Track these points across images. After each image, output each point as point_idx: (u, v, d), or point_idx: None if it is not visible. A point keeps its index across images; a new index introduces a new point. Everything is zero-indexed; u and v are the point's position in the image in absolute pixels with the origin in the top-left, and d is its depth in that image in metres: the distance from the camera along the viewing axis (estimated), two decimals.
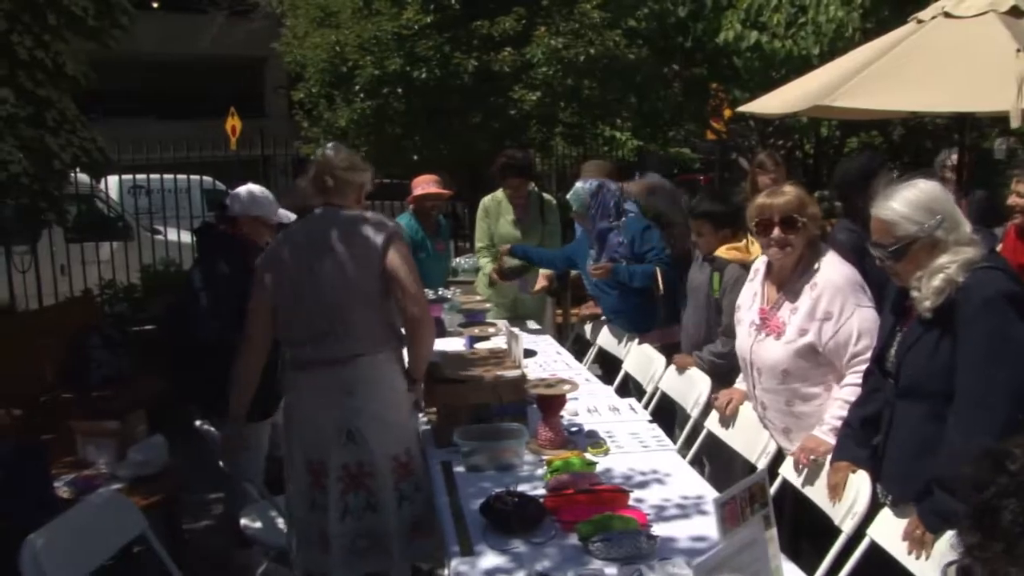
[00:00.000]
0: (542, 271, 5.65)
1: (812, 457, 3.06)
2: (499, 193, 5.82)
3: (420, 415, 3.53)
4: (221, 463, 3.63)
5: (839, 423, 3.06)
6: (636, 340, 4.79)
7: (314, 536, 3.19)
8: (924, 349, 2.62)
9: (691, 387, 3.97)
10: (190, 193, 9.38)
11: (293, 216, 4.07)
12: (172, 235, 8.95)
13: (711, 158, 17.28)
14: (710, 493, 2.93)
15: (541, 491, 2.86)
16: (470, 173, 9.21)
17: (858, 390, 3.02)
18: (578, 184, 5.09)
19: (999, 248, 4.28)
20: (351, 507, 3.14)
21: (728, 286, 3.97)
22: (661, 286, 4.71)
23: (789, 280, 3.27)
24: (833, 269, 3.18)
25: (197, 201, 9.54)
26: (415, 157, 9.01)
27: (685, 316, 4.41)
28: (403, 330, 3.24)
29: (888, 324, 2.85)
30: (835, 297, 3.12)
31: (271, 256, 3.32)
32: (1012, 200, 4.19)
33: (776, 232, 3.22)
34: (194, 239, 4.26)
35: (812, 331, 3.16)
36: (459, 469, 3.13)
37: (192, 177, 10.01)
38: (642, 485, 2.99)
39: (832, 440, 3.05)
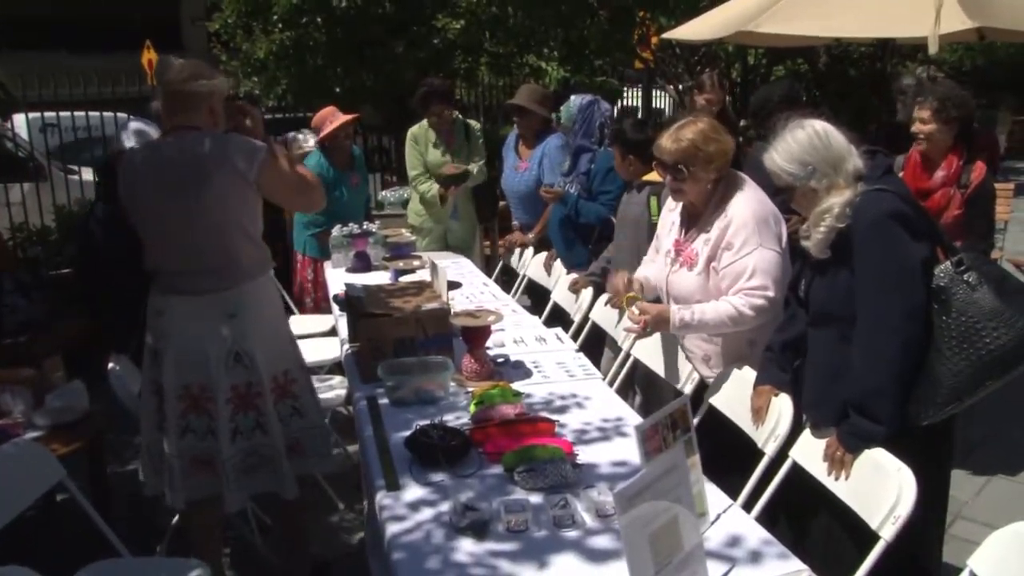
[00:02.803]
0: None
1: (645, 318, 3.16)
2: (425, 122, 5.78)
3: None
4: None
5: (695, 316, 3.11)
6: (565, 271, 4.78)
7: (187, 462, 3.13)
8: (826, 277, 2.67)
9: (624, 318, 3.94)
10: (104, 131, 9.02)
11: None
12: (88, 175, 8.64)
13: (638, 87, 17.19)
14: (630, 416, 2.97)
15: (467, 422, 2.84)
16: (395, 104, 9.04)
17: (735, 312, 3.05)
18: (573, 96, 5.04)
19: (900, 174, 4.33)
20: (241, 427, 3.13)
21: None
22: None
23: (704, 212, 3.26)
24: (745, 204, 3.15)
25: None
26: (337, 89, 8.81)
27: (615, 252, 4.36)
28: None
29: (798, 253, 2.87)
30: (740, 230, 3.10)
31: (129, 180, 3.08)
32: (916, 127, 4.21)
33: (668, 178, 3.25)
34: (95, 178, 4.08)
35: (716, 259, 3.17)
36: (384, 403, 3.09)
37: (106, 114, 9.61)
38: (564, 411, 3.00)
39: (678, 322, 3.13)
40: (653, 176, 4.01)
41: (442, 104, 5.66)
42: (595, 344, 4.29)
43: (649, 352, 3.69)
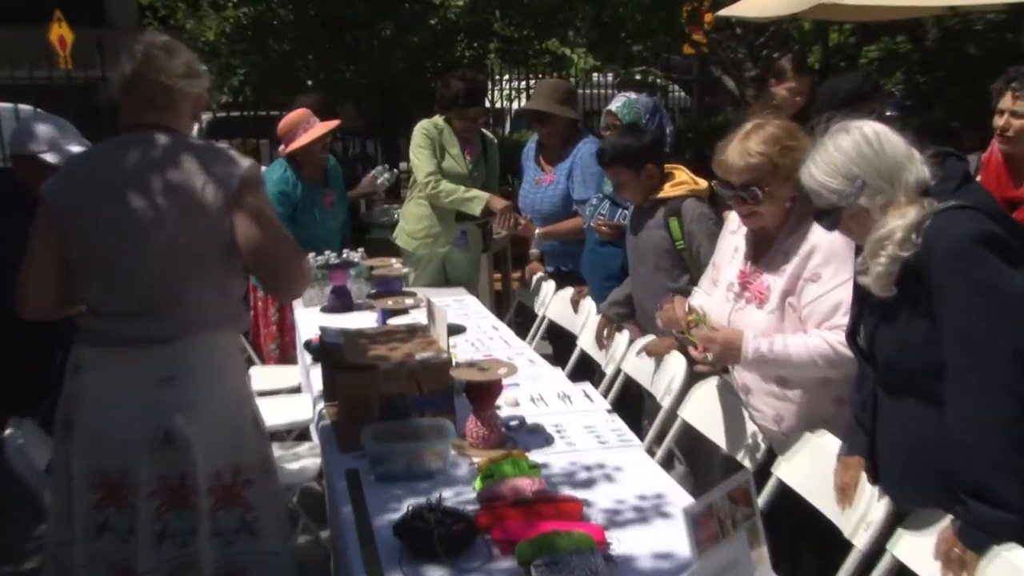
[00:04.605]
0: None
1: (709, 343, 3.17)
2: (439, 120, 5.81)
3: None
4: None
5: (774, 348, 3.11)
6: (593, 309, 4.81)
7: (103, 572, 2.95)
8: (896, 323, 2.63)
9: (663, 369, 4.00)
10: (0, 127, 9.03)
11: None
12: None
13: (687, 78, 17.22)
14: (676, 494, 2.95)
15: (472, 502, 2.86)
16: (382, 102, 9.11)
17: (829, 350, 3.04)
18: (632, 94, 5.10)
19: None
20: (171, 530, 2.95)
21: (694, 227, 4.01)
22: None
23: (777, 237, 3.28)
24: None
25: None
26: (309, 82, 8.88)
27: (634, 292, 4.42)
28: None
29: (856, 292, 2.86)
30: (830, 259, 3.12)
31: (68, 189, 2.97)
32: (1004, 120, 4.17)
33: (737, 203, 3.26)
34: None
35: (795, 293, 3.18)
36: (368, 477, 3.10)
37: (3, 105, 9.66)
38: (592, 488, 3.01)
39: (751, 352, 3.12)
40: (666, 191, 4.07)
41: (478, 106, 5.76)
42: (634, 402, 4.31)
43: (700, 410, 3.70)
